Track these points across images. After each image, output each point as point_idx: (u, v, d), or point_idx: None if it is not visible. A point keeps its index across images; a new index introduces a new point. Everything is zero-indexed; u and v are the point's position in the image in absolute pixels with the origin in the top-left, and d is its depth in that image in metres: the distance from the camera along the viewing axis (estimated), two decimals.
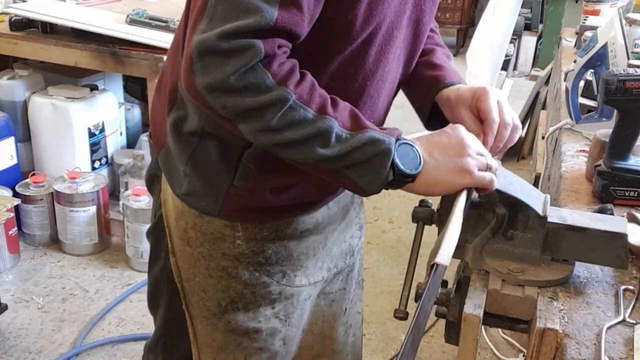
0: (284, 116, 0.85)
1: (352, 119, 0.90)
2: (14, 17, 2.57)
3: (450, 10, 6.58)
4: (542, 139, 2.20)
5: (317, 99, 0.88)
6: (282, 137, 0.86)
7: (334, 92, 0.92)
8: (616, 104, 1.17)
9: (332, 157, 0.88)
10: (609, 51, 1.52)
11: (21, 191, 2.66)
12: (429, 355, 2.27)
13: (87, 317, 2.36)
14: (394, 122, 1.00)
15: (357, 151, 0.88)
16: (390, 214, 3.26)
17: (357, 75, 0.97)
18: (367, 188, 0.91)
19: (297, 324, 1.16)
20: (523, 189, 0.98)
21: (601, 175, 1.21)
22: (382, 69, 0.99)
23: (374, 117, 1.04)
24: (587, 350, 0.83)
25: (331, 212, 1.15)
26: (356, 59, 0.95)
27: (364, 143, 0.88)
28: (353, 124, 0.90)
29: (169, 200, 1.09)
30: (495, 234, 0.97)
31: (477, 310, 0.91)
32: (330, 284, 1.22)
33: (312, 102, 0.87)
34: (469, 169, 0.92)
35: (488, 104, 1.02)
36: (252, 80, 0.83)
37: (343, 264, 1.22)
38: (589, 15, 2.47)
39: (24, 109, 2.73)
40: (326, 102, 0.89)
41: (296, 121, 0.86)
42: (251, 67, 0.83)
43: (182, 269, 1.11)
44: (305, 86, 0.88)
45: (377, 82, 1.00)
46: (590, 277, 0.98)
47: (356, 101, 0.98)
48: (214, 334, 1.12)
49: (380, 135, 0.90)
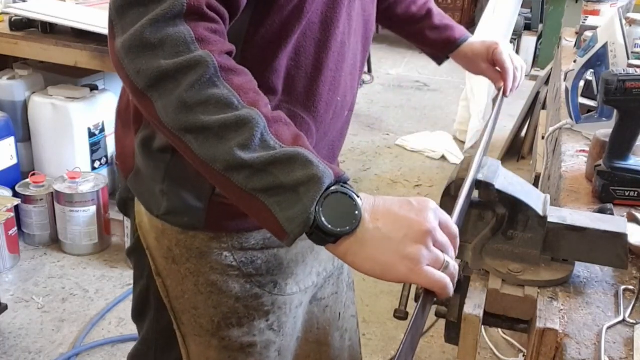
0: (201, 87, 0.72)
1: (291, 135, 0.75)
2: (14, 17, 2.57)
3: (450, 10, 6.59)
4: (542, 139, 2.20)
5: (251, 93, 0.74)
6: (194, 118, 0.72)
7: (295, 72, 0.91)
8: (616, 104, 1.17)
9: (249, 165, 0.71)
10: (609, 51, 1.52)
11: (21, 191, 2.66)
12: (429, 355, 2.27)
13: (87, 317, 2.36)
14: (394, 122, 1.00)
15: (282, 167, 0.71)
16: None
17: (310, 49, 0.94)
18: (287, 227, 0.71)
19: (291, 333, 1.13)
20: (523, 189, 0.98)
21: (601, 175, 1.21)
22: (334, 39, 0.95)
23: (339, 93, 1.01)
24: (587, 350, 0.83)
25: None
26: (306, 32, 0.92)
27: (293, 159, 0.71)
28: (289, 139, 0.74)
29: (144, 221, 1.05)
30: (495, 234, 0.97)
31: (477, 310, 0.91)
32: (322, 290, 1.19)
33: (241, 89, 0.74)
34: (416, 260, 0.71)
35: (502, 56, 1.28)
36: (169, 33, 0.72)
37: (332, 267, 1.19)
38: (589, 15, 2.47)
39: (24, 109, 2.73)
40: (260, 101, 0.75)
41: (214, 99, 0.72)
42: (170, 18, 0.72)
43: (170, 287, 1.07)
44: (238, 69, 0.75)
45: (333, 54, 0.96)
46: (590, 277, 0.98)
47: (317, 77, 0.95)
48: (208, 353, 1.08)
49: (317, 161, 0.72)
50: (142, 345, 1.23)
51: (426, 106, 4.98)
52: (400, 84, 5.61)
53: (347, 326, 1.29)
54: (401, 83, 5.63)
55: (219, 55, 0.73)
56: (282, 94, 0.95)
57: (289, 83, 0.94)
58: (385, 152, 4.07)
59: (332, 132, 1.05)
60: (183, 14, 0.72)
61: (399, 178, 3.72)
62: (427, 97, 5.28)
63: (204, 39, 0.73)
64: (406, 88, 5.52)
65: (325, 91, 0.98)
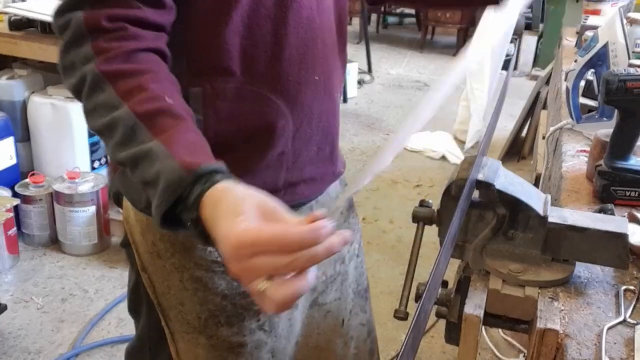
0: (89, 97, 0.78)
1: (167, 126, 0.74)
2: (13, 16, 2.57)
3: None
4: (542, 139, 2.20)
5: (136, 92, 0.76)
6: (91, 124, 0.79)
7: (251, 51, 0.90)
8: (617, 104, 1.17)
9: (124, 162, 0.75)
10: (610, 51, 1.52)
11: (20, 191, 2.66)
12: (429, 356, 2.26)
13: (86, 318, 2.35)
14: (394, 122, 0.99)
15: (144, 163, 0.73)
16: (391, 214, 3.25)
17: (265, 26, 0.91)
18: (154, 219, 0.71)
19: (285, 335, 1.11)
20: (523, 189, 0.98)
21: (602, 175, 1.20)
22: (295, 15, 0.93)
23: (315, 72, 0.98)
24: (587, 350, 0.82)
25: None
26: (257, 9, 0.90)
27: (149, 154, 0.72)
28: (162, 129, 0.73)
29: (131, 216, 1.05)
30: (495, 234, 0.96)
31: (477, 311, 0.91)
32: (323, 295, 1.16)
33: (125, 90, 0.76)
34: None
35: None
36: (72, 56, 0.79)
37: (332, 271, 1.16)
38: (590, 15, 2.47)
39: (23, 109, 2.73)
40: (141, 98, 0.75)
41: (99, 105, 0.77)
42: (75, 41, 0.78)
43: (156, 283, 1.05)
44: (127, 71, 0.77)
45: (296, 31, 0.94)
46: (591, 278, 0.97)
47: (279, 56, 0.93)
48: (196, 350, 1.07)
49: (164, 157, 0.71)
50: (137, 341, 1.22)
51: None
52: (400, 83, 5.61)
53: (353, 334, 1.25)
54: (401, 83, 5.64)
55: (105, 64, 0.76)
56: (241, 75, 0.93)
57: (247, 63, 0.92)
58: None
59: (319, 115, 1.02)
60: (86, 34, 0.78)
61: (399, 178, 3.72)
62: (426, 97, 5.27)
63: (101, 51, 0.77)
64: (406, 88, 5.53)
65: (294, 70, 0.95)
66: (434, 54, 6.88)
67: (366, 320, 1.27)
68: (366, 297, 1.28)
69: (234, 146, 0.96)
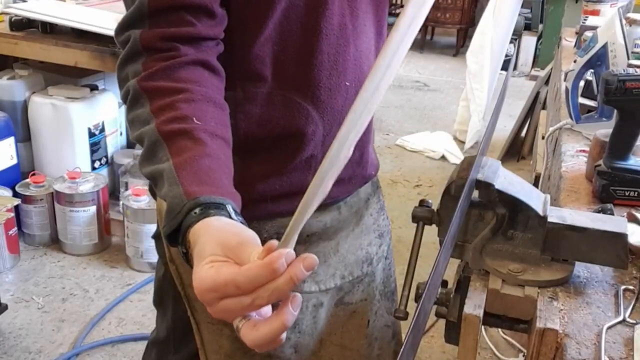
0: (129, 109, 0.82)
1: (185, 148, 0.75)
2: (14, 17, 2.57)
3: (450, 10, 6.59)
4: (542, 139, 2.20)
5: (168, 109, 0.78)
6: (130, 134, 0.83)
7: (282, 57, 0.90)
8: (616, 104, 1.17)
9: (145, 175, 0.79)
10: (609, 51, 1.52)
11: (21, 191, 2.66)
12: (429, 355, 2.27)
13: (87, 317, 2.36)
14: (394, 122, 0.99)
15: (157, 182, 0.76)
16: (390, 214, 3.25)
17: (296, 33, 0.92)
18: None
19: (310, 332, 1.11)
20: (523, 188, 0.98)
21: (601, 175, 1.21)
22: (326, 22, 0.93)
23: (346, 78, 0.98)
24: (587, 350, 0.83)
25: (342, 216, 1.10)
26: (290, 15, 0.91)
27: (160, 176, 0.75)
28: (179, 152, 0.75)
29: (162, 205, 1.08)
30: (495, 234, 0.97)
31: (477, 310, 0.91)
32: (349, 294, 1.15)
33: (158, 106, 0.79)
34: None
35: None
36: (126, 70, 0.83)
37: (360, 272, 1.15)
38: (589, 15, 2.47)
39: (24, 109, 2.73)
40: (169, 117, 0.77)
41: (136, 119, 0.81)
42: (130, 57, 0.82)
43: (183, 275, 1.07)
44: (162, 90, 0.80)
45: (328, 38, 0.94)
46: (590, 277, 0.98)
47: (310, 62, 0.94)
48: (220, 341, 1.08)
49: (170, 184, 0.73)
50: (161, 333, 1.24)
51: (426, 106, 4.98)
52: (400, 84, 5.61)
53: (378, 335, 1.24)
54: (401, 83, 5.63)
55: (145, 80, 0.80)
56: (272, 81, 0.94)
57: (278, 69, 0.94)
58: (385, 152, 4.07)
59: None
60: (141, 52, 0.82)
61: (399, 178, 3.72)
62: (427, 97, 5.28)
63: (147, 68, 0.81)
64: (406, 88, 5.53)
65: (324, 77, 0.96)
66: (433, 54, 6.88)
67: (391, 322, 1.27)
68: (393, 300, 1.27)
69: (263, 148, 0.97)
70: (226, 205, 0.69)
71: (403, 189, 3.61)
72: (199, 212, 0.68)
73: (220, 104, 0.83)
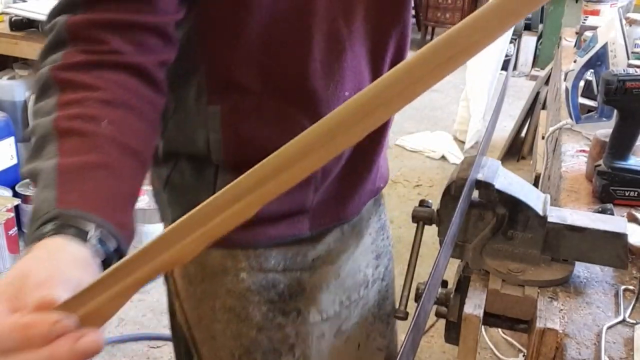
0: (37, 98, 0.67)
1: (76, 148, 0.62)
2: (14, 17, 2.57)
3: (450, 10, 6.59)
4: (542, 139, 2.20)
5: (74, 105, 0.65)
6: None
7: (271, 66, 0.82)
8: (616, 104, 1.17)
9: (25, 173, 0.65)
10: (609, 51, 1.52)
11: (21, 191, 2.66)
12: (429, 355, 2.27)
13: None
14: (393, 123, 0.99)
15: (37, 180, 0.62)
16: (390, 214, 3.25)
17: (285, 41, 0.83)
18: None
19: None
20: (523, 188, 0.98)
21: (601, 175, 1.21)
22: (317, 29, 0.84)
23: (344, 88, 0.88)
24: (587, 350, 0.83)
25: (344, 237, 1.02)
26: (279, 23, 0.81)
27: (36, 175, 0.62)
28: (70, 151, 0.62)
29: None
30: (495, 234, 0.97)
31: (477, 310, 0.91)
32: (347, 321, 1.06)
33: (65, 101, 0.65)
34: None
35: None
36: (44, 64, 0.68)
37: (357, 295, 1.07)
38: (589, 15, 2.47)
39: (24, 109, 2.73)
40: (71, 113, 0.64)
41: (40, 110, 0.66)
42: (52, 49, 0.68)
43: (188, 312, 0.97)
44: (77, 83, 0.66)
45: (319, 45, 0.84)
46: (590, 277, 0.98)
47: (302, 72, 0.84)
48: None
49: (41, 188, 0.59)
50: None
51: (426, 106, 4.97)
52: None
53: (368, 359, 1.16)
54: None
55: (60, 70, 0.67)
56: (262, 92, 0.85)
57: (267, 79, 0.85)
58: None
59: None
60: (65, 41, 0.69)
61: (399, 178, 3.72)
62: (427, 97, 5.27)
63: (69, 58, 0.68)
64: None
65: (320, 87, 0.87)
66: None
67: (384, 346, 1.17)
68: (388, 322, 1.17)
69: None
70: (90, 229, 0.57)
71: (403, 189, 3.61)
72: (54, 226, 0.56)
73: (148, 119, 0.70)
